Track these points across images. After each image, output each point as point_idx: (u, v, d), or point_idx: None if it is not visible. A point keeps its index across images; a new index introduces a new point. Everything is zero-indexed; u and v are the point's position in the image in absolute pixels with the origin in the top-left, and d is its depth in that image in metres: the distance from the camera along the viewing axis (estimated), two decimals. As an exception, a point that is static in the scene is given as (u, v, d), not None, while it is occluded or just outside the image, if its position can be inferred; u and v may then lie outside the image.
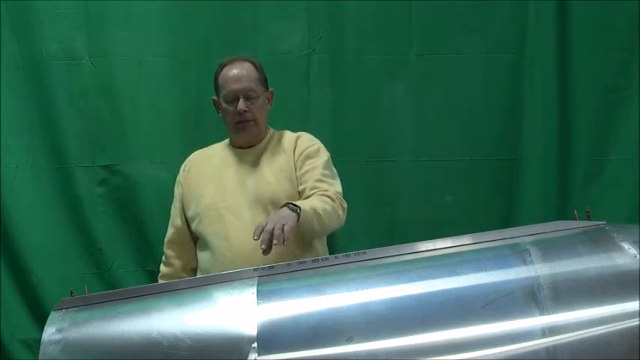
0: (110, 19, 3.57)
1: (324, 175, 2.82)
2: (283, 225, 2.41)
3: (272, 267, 2.31)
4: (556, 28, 3.60)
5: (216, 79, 2.95)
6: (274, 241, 2.37)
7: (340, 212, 2.75)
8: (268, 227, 2.40)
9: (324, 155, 2.90)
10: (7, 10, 3.52)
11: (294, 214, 2.52)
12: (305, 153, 2.87)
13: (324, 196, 2.74)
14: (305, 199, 2.76)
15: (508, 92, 3.62)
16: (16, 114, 3.55)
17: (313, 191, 2.76)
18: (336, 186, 2.83)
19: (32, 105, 3.56)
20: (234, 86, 2.87)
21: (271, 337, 2.06)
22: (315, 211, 2.61)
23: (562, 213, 3.43)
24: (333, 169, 2.92)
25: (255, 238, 2.39)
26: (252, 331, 2.07)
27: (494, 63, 3.61)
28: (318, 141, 2.96)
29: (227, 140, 3.01)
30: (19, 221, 3.52)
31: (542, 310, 2.00)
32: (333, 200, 2.73)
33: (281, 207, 2.58)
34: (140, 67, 3.56)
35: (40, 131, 3.56)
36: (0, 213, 3.51)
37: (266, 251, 2.39)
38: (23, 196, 3.54)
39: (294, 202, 2.57)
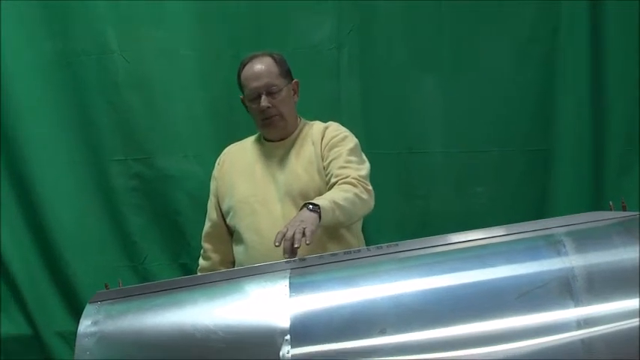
0: (141, 14, 3.61)
1: (348, 162, 2.77)
2: (304, 228, 2.38)
3: (304, 259, 2.30)
4: (589, 18, 3.57)
5: (238, 78, 2.93)
6: (295, 244, 2.34)
7: (364, 196, 2.68)
8: (288, 234, 2.37)
9: (350, 142, 2.85)
10: (42, 8, 3.56)
11: (314, 214, 2.48)
12: (331, 143, 2.84)
13: (345, 183, 2.69)
14: (329, 188, 2.74)
15: (540, 83, 3.60)
16: (51, 109, 3.60)
17: (336, 179, 2.72)
18: (360, 170, 2.76)
19: (66, 100, 3.60)
20: (255, 84, 2.85)
21: (304, 330, 2.06)
22: (336, 203, 2.57)
23: (596, 204, 3.41)
24: (362, 155, 2.87)
25: (277, 244, 2.37)
26: (284, 323, 2.07)
27: (526, 54, 3.59)
28: (346, 129, 2.92)
29: (260, 133, 3.00)
30: (55, 215, 3.57)
31: (577, 301, 1.98)
32: (354, 186, 2.68)
33: (301, 208, 2.55)
34: (172, 61, 3.60)
35: (75, 126, 3.61)
36: (36, 207, 3.57)
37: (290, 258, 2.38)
38: (58, 190, 3.59)
39: (313, 202, 2.54)
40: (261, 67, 2.87)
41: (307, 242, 2.35)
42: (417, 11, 3.59)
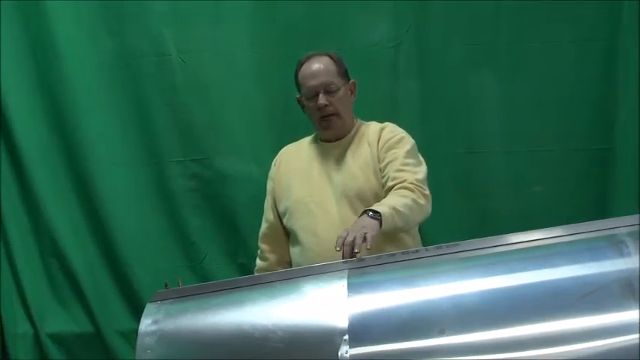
0: (198, 15, 3.64)
1: (405, 164, 2.75)
2: (365, 233, 2.38)
3: (362, 259, 2.30)
4: (651, 16, 3.49)
5: (296, 78, 2.93)
6: (355, 249, 2.32)
7: (422, 201, 2.67)
8: (349, 239, 2.36)
9: (407, 144, 2.83)
10: (101, 9, 3.62)
11: (375, 221, 2.48)
12: (387, 144, 2.82)
13: (402, 188, 2.67)
14: (386, 191, 2.73)
15: (601, 81, 3.53)
16: (111, 110, 3.66)
17: (393, 182, 2.71)
18: (418, 174, 2.74)
19: (125, 101, 3.66)
20: (313, 82, 2.85)
21: (362, 330, 2.06)
22: (395, 209, 2.55)
23: (660, 203, 3.34)
24: (419, 156, 2.86)
25: (338, 249, 2.36)
26: (343, 323, 2.07)
27: (587, 52, 3.52)
28: (403, 130, 2.90)
29: (316, 133, 3.01)
30: (115, 215, 3.63)
31: (641, 303, 1.94)
32: (412, 191, 2.66)
33: (360, 215, 2.55)
34: (229, 62, 3.62)
35: (133, 127, 3.66)
36: (97, 208, 3.63)
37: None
38: (119, 191, 3.65)
39: (373, 209, 2.53)
40: (319, 65, 2.87)
41: (368, 247, 2.34)
42: (474, 9, 3.55)
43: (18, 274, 3.64)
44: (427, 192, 2.72)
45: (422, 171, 2.79)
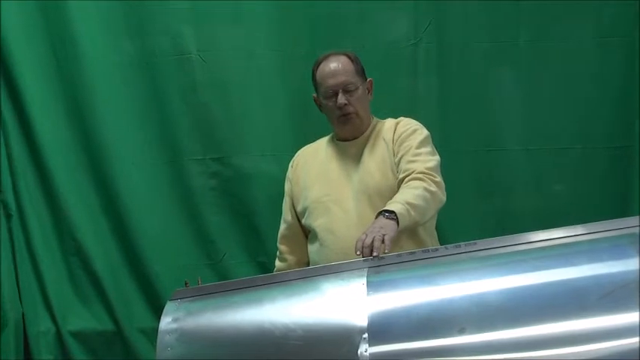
0: (218, 14, 3.64)
1: (417, 155, 2.75)
2: (383, 235, 2.37)
3: (382, 258, 2.31)
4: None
5: (313, 77, 2.94)
6: (374, 253, 2.32)
7: (433, 188, 2.65)
8: (367, 241, 2.36)
9: (420, 135, 2.83)
10: (121, 8, 3.63)
11: (392, 221, 2.48)
12: (401, 137, 2.83)
13: (412, 179, 2.67)
14: (398, 184, 2.72)
15: (623, 78, 3.49)
16: (131, 110, 3.66)
17: (403, 174, 2.72)
18: (429, 162, 2.73)
19: (145, 100, 3.66)
20: (332, 81, 2.85)
21: (382, 328, 2.06)
22: (409, 204, 2.55)
23: (681, 201, 3.31)
24: (432, 146, 2.86)
25: (358, 253, 2.36)
26: (362, 321, 2.07)
27: (607, 49, 3.49)
28: (417, 123, 2.91)
29: (332, 134, 3.01)
30: (136, 213, 3.64)
31: (663, 302, 1.93)
32: (422, 180, 2.65)
33: (377, 216, 2.54)
34: (249, 61, 3.62)
35: (154, 126, 3.66)
36: (117, 206, 3.64)
37: None
38: (139, 189, 3.65)
39: (388, 209, 2.52)
40: (337, 65, 2.87)
41: (386, 250, 2.34)
42: (494, 7, 3.53)
43: (40, 272, 3.66)
44: (438, 179, 2.71)
45: (434, 160, 2.79)
